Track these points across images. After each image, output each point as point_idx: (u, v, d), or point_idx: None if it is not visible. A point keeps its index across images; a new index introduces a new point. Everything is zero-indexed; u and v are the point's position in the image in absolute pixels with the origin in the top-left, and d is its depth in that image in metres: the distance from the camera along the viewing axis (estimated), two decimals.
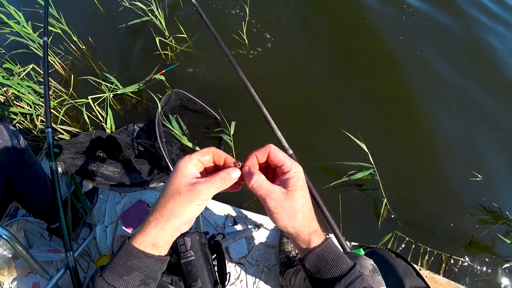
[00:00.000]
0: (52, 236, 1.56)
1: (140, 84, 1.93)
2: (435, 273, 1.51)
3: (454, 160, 1.80)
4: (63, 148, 1.50)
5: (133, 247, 0.50)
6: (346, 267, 0.54)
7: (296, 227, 0.53)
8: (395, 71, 2.10)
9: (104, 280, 0.49)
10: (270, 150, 0.53)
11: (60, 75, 2.08)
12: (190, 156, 0.52)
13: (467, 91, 2.06)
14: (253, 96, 1.02)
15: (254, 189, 0.51)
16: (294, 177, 0.52)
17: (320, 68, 2.11)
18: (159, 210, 0.49)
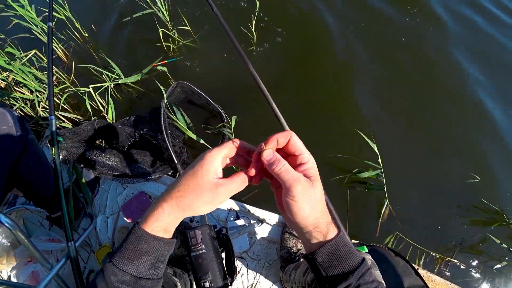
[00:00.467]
0: (52, 226, 1.54)
1: (142, 74, 1.91)
2: (432, 273, 1.54)
3: (455, 163, 1.83)
4: (65, 137, 1.47)
5: (143, 231, 0.50)
6: (358, 260, 0.54)
7: (317, 217, 0.52)
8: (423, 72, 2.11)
9: (115, 266, 0.49)
10: (292, 137, 0.52)
11: (62, 62, 2.05)
12: (219, 151, 0.51)
13: (473, 93, 2.08)
14: (262, 90, 1.01)
15: (280, 173, 0.49)
16: (313, 167, 0.52)
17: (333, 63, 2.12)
18: (176, 199, 0.50)
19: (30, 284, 1.42)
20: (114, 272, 0.49)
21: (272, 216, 1.54)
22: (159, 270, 0.53)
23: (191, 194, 0.49)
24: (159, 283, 0.54)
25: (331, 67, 2.10)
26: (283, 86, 1.98)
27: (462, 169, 1.79)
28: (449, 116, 1.98)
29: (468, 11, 2.50)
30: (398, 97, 2.01)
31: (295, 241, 1.44)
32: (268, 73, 1.96)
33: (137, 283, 0.50)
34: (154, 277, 0.52)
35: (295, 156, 0.53)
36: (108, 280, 0.49)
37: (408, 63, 2.16)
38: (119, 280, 0.49)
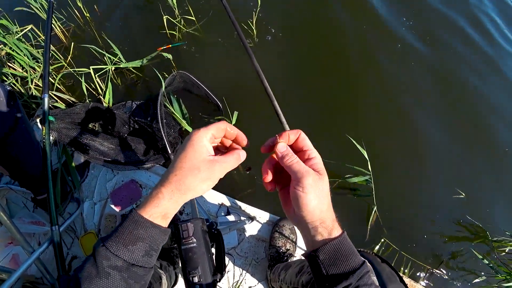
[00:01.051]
0: (36, 208, 1.50)
1: (144, 60, 1.86)
2: (415, 282, 1.56)
3: (442, 177, 1.85)
4: (57, 117, 1.43)
5: (141, 217, 0.49)
6: (359, 261, 0.53)
7: (324, 212, 0.52)
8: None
9: (108, 250, 0.47)
10: (301, 134, 0.56)
11: (60, 42, 1.98)
12: (205, 131, 0.52)
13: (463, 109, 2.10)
14: (265, 86, 0.99)
15: (292, 165, 0.52)
16: (321, 162, 0.54)
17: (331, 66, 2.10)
18: (175, 183, 0.49)
19: (9, 267, 1.37)
20: (106, 256, 0.47)
21: (263, 214, 1.52)
22: (152, 259, 0.51)
23: (188, 174, 0.49)
24: (150, 272, 0.52)
25: (329, 72, 2.09)
26: (278, 85, 1.97)
27: (449, 183, 1.82)
28: (442, 127, 1.99)
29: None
30: (391, 104, 2.02)
31: (284, 241, 1.43)
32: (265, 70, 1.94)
33: (130, 270, 0.48)
34: (146, 266, 0.50)
35: (303, 152, 0.55)
36: (99, 264, 0.46)
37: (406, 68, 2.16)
38: (111, 265, 0.47)
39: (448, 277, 1.63)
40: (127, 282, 0.48)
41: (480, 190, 1.84)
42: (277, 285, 1.19)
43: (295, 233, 1.48)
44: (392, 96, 2.04)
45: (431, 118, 2.01)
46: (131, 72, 1.90)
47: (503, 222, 1.77)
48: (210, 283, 0.71)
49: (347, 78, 2.07)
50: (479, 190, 1.84)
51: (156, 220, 0.50)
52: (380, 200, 1.64)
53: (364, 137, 1.69)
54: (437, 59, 2.25)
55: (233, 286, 1.40)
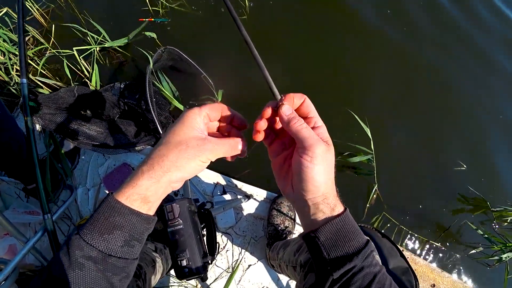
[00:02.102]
0: (29, 197, 1.47)
1: (130, 36, 1.77)
2: (415, 255, 1.55)
3: (445, 149, 1.81)
4: (42, 103, 1.37)
5: (117, 202, 0.43)
6: (363, 240, 0.48)
7: (328, 187, 0.46)
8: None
9: (82, 238, 0.42)
10: (306, 99, 0.48)
11: (40, 25, 1.89)
12: (200, 109, 0.46)
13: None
14: (254, 54, 0.92)
15: (301, 130, 0.45)
16: (326, 132, 0.48)
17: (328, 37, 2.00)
18: (157, 159, 0.43)
19: (6, 257, 1.36)
20: (79, 245, 0.42)
21: (260, 192, 1.49)
22: (134, 249, 0.45)
23: (174, 150, 0.43)
24: (132, 263, 0.46)
25: (328, 44, 1.99)
26: (276, 54, 1.89)
27: (450, 157, 1.78)
28: (441, 105, 1.93)
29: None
30: (393, 83, 1.94)
31: (282, 218, 1.40)
32: (261, 42, 1.85)
33: (106, 261, 0.42)
34: (127, 257, 0.44)
35: (308, 119, 0.48)
36: (71, 254, 0.41)
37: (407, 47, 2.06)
38: (84, 255, 0.41)
39: (448, 249, 1.64)
40: (104, 274, 0.43)
41: (483, 161, 1.81)
42: (276, 263, 1.17)
43: (294, 210, 1.45)
44: (398, 70, 1.97)
45: (433, 90, 1.95)
46: (117, 51, 1.82)
47: (505, 192, 1.75)
48: (199, 266, 0.68)
49: (348, 48, 1.98)
50: (481, 161, 1.80)
51: (134, 204, 0.43)
52: (381, 178, 1.61)
53: (365, 112, 1.64)
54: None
55: (232, 265, 1.39)
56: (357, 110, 1.65)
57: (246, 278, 1.39)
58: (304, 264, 0.76)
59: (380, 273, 0.48)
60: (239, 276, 1.39)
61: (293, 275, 0.93)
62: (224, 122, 0.52)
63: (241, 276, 1.39)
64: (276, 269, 1.28)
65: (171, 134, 0.45)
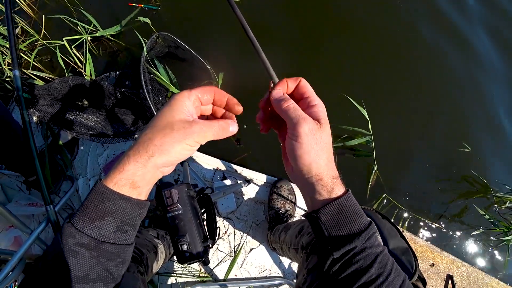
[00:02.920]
0: (30, 190, 1.48)
1: (121, 24, 1.74)
2: (415, 235, 1.57)
3: (446, 130, 1.80)
4: (37, 95, 1.35)
5: (106, 188, 0.42)
6: (365, 222, 0.48)
7: (321, 167, 0.46)
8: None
9: (73, 226, 0.42)
10: (302, 80, 0.50)
11: (28, 16, 1.85)
12: (189, 92, 0.45)
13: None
14: (250, 36, 0.90)
15: (288, 110, 0.47)
16: (323, 110, 0.48)
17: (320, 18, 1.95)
18: (143, 144, 0.42)
19: (13, 249, 1.38)
20: (72, 233, 0.41)
21: (260, 176, 1.49)
22: (127, 234, 0.45)
23: (159, 133, 0.42)
24: (127, 249, 0.46)
25: (326, 26, 1.95)
26: (272, 39, 1.85)
27: (452, 138, 1.78)
28: (442, 84, 1.90)
29: None
30: (388, 63, 1.91)
31: (283, 202, 1.41)
32: (257, 24, 1.81)
33: (99, 248, 0.42)
34: (120, 243, 0.44)
35: (304, 99, 0.50)
36: (64, 242, 0.41)
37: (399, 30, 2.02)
38: (77, 243, 0.41)
39: (448, 230, 1.66)
40: (99, 260, 0.43)
41: (486, 145, 1.80)
42: (278, 246, 1.18)
43: (294, 193, 1.46)
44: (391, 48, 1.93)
45: (435, 68, 1.92)
46: (111, 40, 1.79)
47: (507, 177, 1.76)
48: (200, 250, 0.68)
49: (344, 31, 1.94)
50: (484, 145, 1.80)
51: (123, 189, 0.43)
52: (381, 159, 1.61)
53: (362, 93, 1.62)
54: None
55: (235, 249, 1.41)
56: (354, 92, 1.64)
57: (249, 261, 1.42)
58: (306, 246, 0.77)
59: (382, 253, 0.48)
60: (242, 259, 1.42)
61: (295, 257, 0.94)
62: (218, 105, 0.51)
63: (244, 259, 1.42)
64: (278, 251, 1.29)
65: (158, 118, 0.44)
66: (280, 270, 1.42)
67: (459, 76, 1.94)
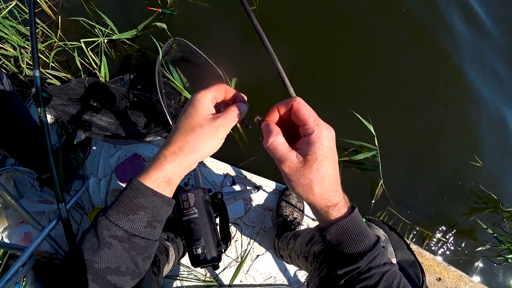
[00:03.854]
0: (43, 187, 1.50)
1: (138, 29, 1.77)
2: (422, 248, 1.56)
3: (456, 144, 1.80)
4: (53, 94, 1.38)
5: (140, 184, 0.45)
6: (370, 242, 0.49)
7: (311, 199, 0.47)
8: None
9: (108, 219, 0.44)
10: (294, 104, 0.46)
11: (48, 17, 1.89)
12: (206, 92, 0.48)
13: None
14: (267, 47, 0.92)
15: (269, 151, 0.47)
16: (316, 142, 0.44)
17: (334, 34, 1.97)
18: (177, 144, 0.46)
19: (23, 244, 1.40)
20: (107, 226, 0.44)
21: (269, 183, 1.50)
22: (155, 230, 0.48)
23: (191, 133, 0.46)
24: (154, 245, 0.49)
25: (339, 40, 1.96)
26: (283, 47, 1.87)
27: (460, 152, 1.77)
28: (450, 98, 1.90)
29: None
30: (396, 76, 1.91)
31: (291, 209, 1.41)
32: (270, 33, 1.83)
33: (131, 241, 0.45)
34: (149, 238, 0.47)
35: (302, 127, 0.46)
36: (99, 234, 0.44)
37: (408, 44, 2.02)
38: (111, 235, 0.44)
39: (455, 245, 1.65)
40: (129, 253, 0.45)
41: (497, 159, 1.79)
42: (286, 254, 1.18)
43: (302, 202, 1.46)
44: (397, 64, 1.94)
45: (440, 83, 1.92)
46: (126, 43, 1.82)
47: None
48: (214, 255, 0.69)
49: (350, 47, 1.95)
50: (495, 159, 1.78)
51: (160, 186, 0.46)
52: (387, 173, 1.60)
53: (369, 108, 1.62)
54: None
55: (241, 255, 1.42)
56: (360, 105, 1.65)
57: (255, 268, 1.42)
58: (318, 255, 0.77)
59: (388, 272, 0.49)
60: (248, 265, 1.42)
61: (304, 265, 0.94)
62: (228, 99, 0.53)
63: (250, 265, 1.42)
64: (285, 259, 1.29)
65: (185, 119, 0.47)
66: (286, 278, 1.42)
67: (472, 91, 1.93)
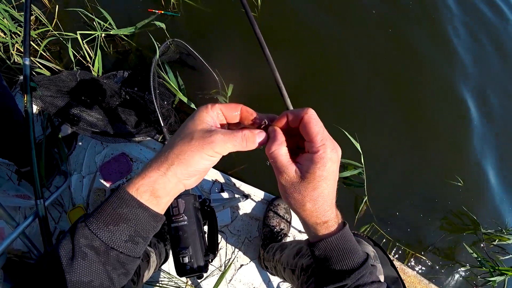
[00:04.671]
0: (21, 180, 1.43)
1: (137, 26, 1.74)
2: (405, 265, 1.57)
3: (440, 165, 1.82)
4: (42, 85, 1.33)
5: (126, 193, 0.42)
6: (359, 260, 0.49)
7: (301, 214, 0.46)
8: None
9: (87, 227, 0.41)
10: (305, 116, 0.43)
11: (44, 6, 1.84)
12: (213, 105, 0.44)
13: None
14: (267, 57, 0.91)
15: (269, 158, 0.45)
16: (318, 163, 0.42)
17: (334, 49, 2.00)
18: (164, 153, 0.42)
19: None
20: (84, 234, 0.41)
21: (258, 193, 1.48)
22: (137, 247, 0.44)
23: (180, 142, 0.42)
24: (134, 262, 0.44)
25: (330, 59, 1.99)
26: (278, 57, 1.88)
27: (445, 173, 1.80)
28: (435, 119, 1.94)
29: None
30: (381, 94, 1.94)
31: (278, 220, 1.40)
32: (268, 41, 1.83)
33: (108, 254, 0.41)
34: (129, 254, 0.43)
35: (308, 142, 0.44)
36: (76, 242, 0.40)
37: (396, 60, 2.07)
38: (88, 244, 0.40)
39: (435, 264, 1.67)
40: (105, 267, 0.41)
41: (480, 180, 1.83)
42: (271, 265, 1.16)
43: (290, 213, 1.45)
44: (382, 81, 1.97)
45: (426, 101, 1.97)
46: (122, 39, 1.79)
47: (496, 213, 1.79)
48: (201, 264, 0.66)
49: (343, 64, 1.98)
50: (478, 180, 1.83)
51: (144, 196, 0.42)
52: (371, 190, 1.61)
53: (357, 127, 1.64)
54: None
55: (225, 264, 1.38)
56: (349, 125, 1.65)
57: (238, 278, 1.38)
58: (306, 268, 0.75)
59: None
60: (231, 275, 1.38)
61: (290, 278, 0.92)
62: (245, 122, 0.47)
63: (233, 275, 1.38)
64: (270, 270, 1.27)
65: (181, 128, 0.44)
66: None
67: (459, 110, 1.99)
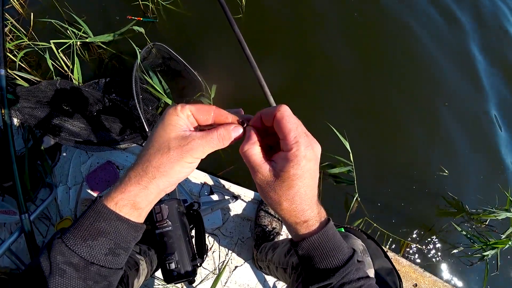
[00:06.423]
0: (4, 196, 1.39)
1: (114, 34, 1.71)
2: (399, 256, 1.58)
3: (427, 156, 1.86)
4: (20, 96, 1.30)
5: (104, 207, 0.40)
6: (343, 257, 0.47)
7: (280, 213, 0.45)
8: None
9: (64, 243, 0.39)
10: (277, 114, 0.41)
11: (18, 14, 1.80)
12: (183, 106, 0.41)
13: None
14: (248, 56, 0.91)
15: (243, 157, 0.43)
16: (292, 161, 0.41)
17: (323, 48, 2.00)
18: (143, 165, 0.40)
19: None
20: (61, 251, 0.39)
21: (248, 193, 1.47)
22: (119, 258, 0.43)
23: (157, 154, 0.40)
24: (116, 273, 0.43)
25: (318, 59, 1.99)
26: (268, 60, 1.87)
27: (431, 162, 1.83)
28: (419, 110, 1.97)
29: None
30: (375, 96, 1.96)
31: (270, 219, 1.39)
32: (255, 43, 1.83)
33: (88, 269, 0.40)
34: (111, 266, 0.42)
35: (282, 140, 0.42)
36: (52, 259, 0.39)
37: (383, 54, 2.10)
38: (66, 261, 0.39)
39: (429, 250, 1.68)
40: (86, 282, 0.40)
41: (463, 167, 1.86)
42: (264, 265, 1.16)
43: None
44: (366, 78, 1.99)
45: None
46: (102, 47, 1.75)
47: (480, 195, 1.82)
48: (188, 269, 0.66)
49: (333, 63, 1.98)
50: (461, 167, 1.86)
51: (123, 209, 0.41)
52: (362, 186, 1.62)
53: (346, 124, 1.65)
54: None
55: (219, 267, 1.37)
56: (338, 120, 1.67)
57: (233, 280, 1.37)
58: (296, 266, 0.75)
59: (363, 287, 0.48)
60: (226, 277, 1.37)
61: (283, 276, 0.92)
62: (218, 123, 0.46)
63: (228, 277, 1.37)
64: (264, 270, 1.26)
65: (153, 137, 0.41)
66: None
67: (444, 104, 2.01)
